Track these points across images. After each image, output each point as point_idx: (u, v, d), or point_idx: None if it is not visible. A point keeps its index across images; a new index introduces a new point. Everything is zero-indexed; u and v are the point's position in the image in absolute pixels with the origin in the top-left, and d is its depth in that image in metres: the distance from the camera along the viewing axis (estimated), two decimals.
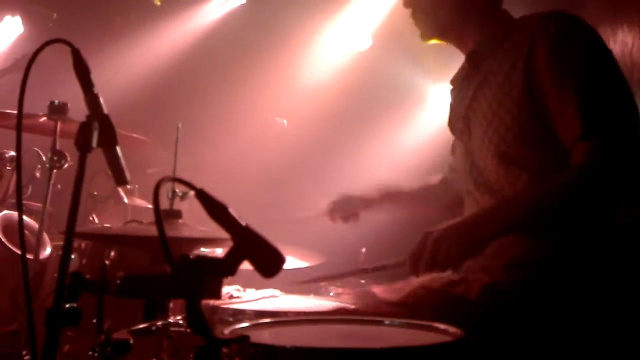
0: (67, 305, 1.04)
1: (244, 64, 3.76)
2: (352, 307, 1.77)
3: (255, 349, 0.87)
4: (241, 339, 0.85)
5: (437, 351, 0.87)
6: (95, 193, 2.66)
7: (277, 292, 2.08)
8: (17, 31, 4.29)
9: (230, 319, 1.77)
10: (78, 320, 1.05)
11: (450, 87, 1.64)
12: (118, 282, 1.07)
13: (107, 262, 1.11)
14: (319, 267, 2.50)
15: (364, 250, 3.27)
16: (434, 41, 1.60)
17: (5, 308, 2.45)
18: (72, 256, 2.60)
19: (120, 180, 1.23)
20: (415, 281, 1.49)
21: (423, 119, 3.81)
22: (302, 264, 2.30)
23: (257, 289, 2.04)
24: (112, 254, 1.91)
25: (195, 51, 4.04)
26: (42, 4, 4.04)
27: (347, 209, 1.92)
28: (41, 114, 2.08)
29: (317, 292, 2.54)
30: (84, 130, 1.14)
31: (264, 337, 1.00)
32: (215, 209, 0.90)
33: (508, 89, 1.39)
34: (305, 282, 1.66)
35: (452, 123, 1.60)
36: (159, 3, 3.92)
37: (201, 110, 3.43)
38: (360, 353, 0.86)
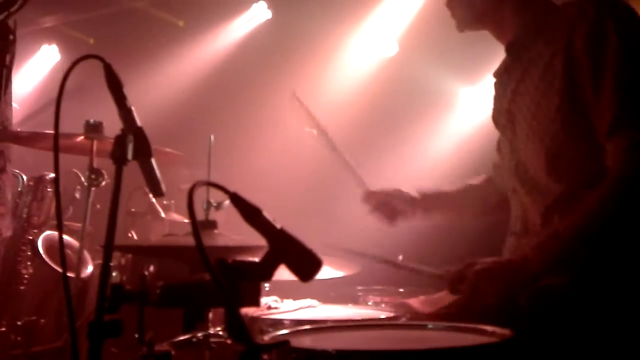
0: (108, 317, 1.05)
1: (273, 77, 3.80)
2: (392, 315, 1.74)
3: (297, 354, 0.85)
4: (281, 344, 0.83)
5: (486, 351, 0.83)
6: (133, 210, 2.72)
7: (314, 302, 2.07)
8: (54, 59, 4.46)
9: (270, 329, 1.76)
10: (120, 332, 1.06)
11: (494, 80, 1.59)
12: (157, 292, 1.08)
13: (146, 273, 1.11)
14: (355, 276, 2.47)
15: (400, 257, 3.21)
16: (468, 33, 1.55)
17: (50, 326, 2.51)
18: (114, 273, 2.66)
19: (157, 191, 1.24)
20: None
21: (454, 123, 3.75)
22: (337, 273, 2.28)
23: (294, 299, 2.03)
24: (151, 268, 1.93)
25: (224, 67, 4.11)
26: (77, 31, 4.20)
27: (389, 200, 1.83)
28: (78, 133, 2.14)
29: (355, 302, 2.51)
30: (119, 143, 1.16)
31: (305, 343, 0.98)
32: (250, 212, 0.90)
33: (550, 79, 1.35)
34: (333, 248, 1.61)
35: (495, 118, 1.56)
36: (181, 24, 4.01)
37: (232, 124, 3.47)
38: (407, 355, 0.83)
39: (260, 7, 4.18)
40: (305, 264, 0.91)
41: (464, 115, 3.73)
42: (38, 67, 4.44)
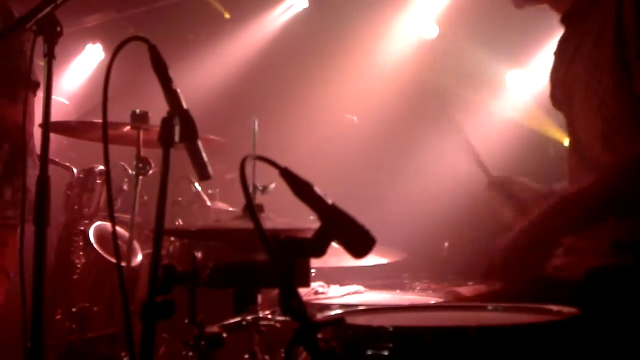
0: (160, 298, 1.05)
1: (312, 65, 3.78)
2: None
3: (354, 331, 0.82)
4: (337, 322, 0.81)
5: (553, 329, 0.78)
6: (179, 199, 2.76)
7: (361, 287, 2.04)
8: (98, 58, 4.58)
9: (317, 315, 1.74)
10: (172, 313, 1.06)
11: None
12: (208, 272, 1.07)
13: (197, 254, 1.11)
14: (400, 263, 2.43)
15: (446, 244, 3.15)
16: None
17: (102, 313, 2.58)
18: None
19: (203, 175, 1.24)
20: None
21: (501, 107, 3.62)
22: (382, 260, 2.24)
23: (340, 285, 2.01)
24: (199, 254, 1.94)
25: (263, 57, 4.12)
26: (120, 28, 4.29)
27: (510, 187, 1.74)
28: (124, 122, 2.18)
29: (402, 288, 2.46)
30: (166, 125, 1.16)
31: (359, 321, 0.95)
32: (301, 188, 0.87)
33: (602, 47, 1.31)
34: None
35: (552, 93, 1.51)
36: (228, 16, 4.03)
37: (274, 112, 3.46)
38: (467, 331, 0.79)
39: None
40: (358, 241, 0.88)
41: (511, 98, 3.59)
42: (83, 66, 4.56)
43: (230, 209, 2.87)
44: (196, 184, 2.77)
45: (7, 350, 1.56)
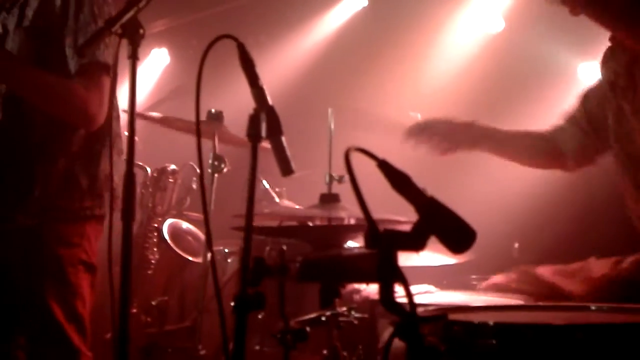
0: (252, 290, 1.07)
1: (375, 63, 3.75)
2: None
3: (459, 327, 0.80)
4: (441, 317, 0.79)
5: None
6: None
7: (431, 287, 2.00)
8: (164, 62, 4.74)
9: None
10: (263, 305, 1.07)
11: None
12: (297, 266, 1.08)
13: (284, 247, 1.12)
14: (468, 264, 2.36)
15: (516, 245, 3.04)
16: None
17: (175, 307, 2.67)
18: (229, 260, 2.77)
19: (286, 170, 1.25)
20: (593, 267, 1.35)
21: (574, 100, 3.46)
22: (450, 260, 2.19)
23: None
24: (267, 249, 1.97)
25: (323, 58, 4.13)
26: (185, 33, 4.43)
27: (429, 130, 1.75)
28: (200, 121, 2.25)
29: (470, 287, 2.39)
30: (253, 121, 1.18)
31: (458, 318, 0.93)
32: (399, 180, 0.86)
33: None
34: None
35: (613, 80, 1.44)
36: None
37: (337, 111, 3.47)
38: (572, 329, 0.76)
39: None
40: (458, 235, 0.85)
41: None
42: (150, 70, 4.74)
43: (297, 206, 2.90)
44: (264, 182, 2.81)
45: (93, 342, 1.63)
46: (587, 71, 3.51)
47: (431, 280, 2.15)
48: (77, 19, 1.55)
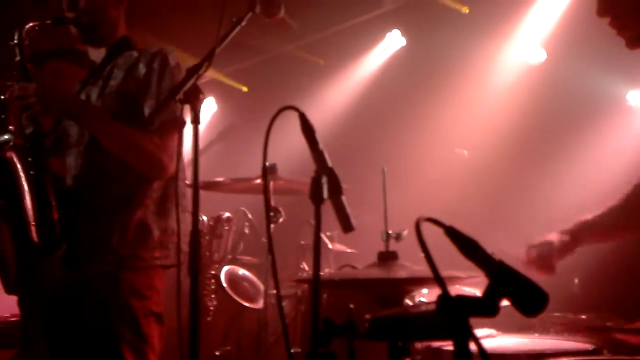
0: (322, 350, 1.10)
1: (415, 102, 3.79)
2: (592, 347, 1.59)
3: None
4: None
5: None
6: (302, 242, 2.87)
7: (493, 331, 1.97)
8: (212, 109, 4.95)
9: None
10: None
11: None
12: (366, 325, 1.10)
13: (351, 306, 1.15)
14: None
15: (576, 281, 2.95)
16: None
17: (234, 354, 2.71)
18: (284, 303, 2.81)
19: (347, 227, 1.29)
20: None
21: (627, 130, 3.38)
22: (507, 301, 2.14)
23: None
24: (325, 296, 1.99)
25: (365, 99, 4.21)
26: (232, 80, 4.62)
27: (544, 257, 1.71)
28: (254, 176, 2.34)
29: (533, 329, 2.33)
30: (315, 183, 1.24)
31: None
32: (468, 246, 0.89)
33: None
34: None
35: None
36: (322, 62, 4.19)
37: (380, 150, 3.51)
38: None
39: (394, 36, 4.25)
40: (530, 298, 0.87)
41: (635, 120, 3.35)
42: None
43: (349, 250, 2.93)
44: None
45: None
46: (636, 99, 3.44)
47: (490, 321, 2.11)
48: (159, 85, 1.70)
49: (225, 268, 2.80)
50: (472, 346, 0.84)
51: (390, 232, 1.69)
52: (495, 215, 2.95)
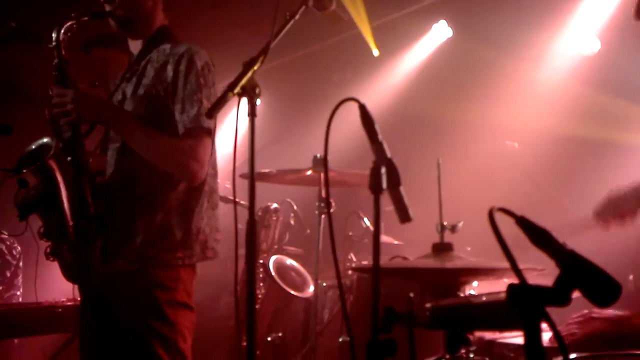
0: (383, 337, 1.12)
1: (466, 93, 3.74)
2: None
3: None
4: None
5: None
6: (350, 234, 2.89)
7: (543, 326, 1.94)
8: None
9: (512, 355, 1.70)
10: (395, 351, 1.12)
11: None
12: (427, 313, 1.12)
13: (411, 294, 1.17)
14: (581, 299, 2.26)
15: (631, 277, 2.86)
16: None
17: (281, 341, 2.76)
18: (328, 294, 2.84)
19: (405, 217, 1.30)
20: None
21: None
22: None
23: None
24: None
25: (410, 91, 4.17)
26: (274, 77, 4.65)
27: (621, 205, 1.65)
28: (305, 167, 2.37)
29: None
30: (375, 174, 1.25)
31: None
32: (539, 236, 0.89)
33: None
34: None
35: None
36: (377, 52, 4.12)
37: (429, 142, 3.48)
38: None
39: (441, 27, 4.19)
40: (603, 289, 0.86)
41: None
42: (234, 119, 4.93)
43: (396, 242, 2.93)
44: (365, 219, 2.87)
45: None
46: None
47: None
48: (185, 88, 1.72)
49: (273, 257, 2.85)
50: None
51: (445, 223, 1.68)
52: (547, 207, 2.89)
